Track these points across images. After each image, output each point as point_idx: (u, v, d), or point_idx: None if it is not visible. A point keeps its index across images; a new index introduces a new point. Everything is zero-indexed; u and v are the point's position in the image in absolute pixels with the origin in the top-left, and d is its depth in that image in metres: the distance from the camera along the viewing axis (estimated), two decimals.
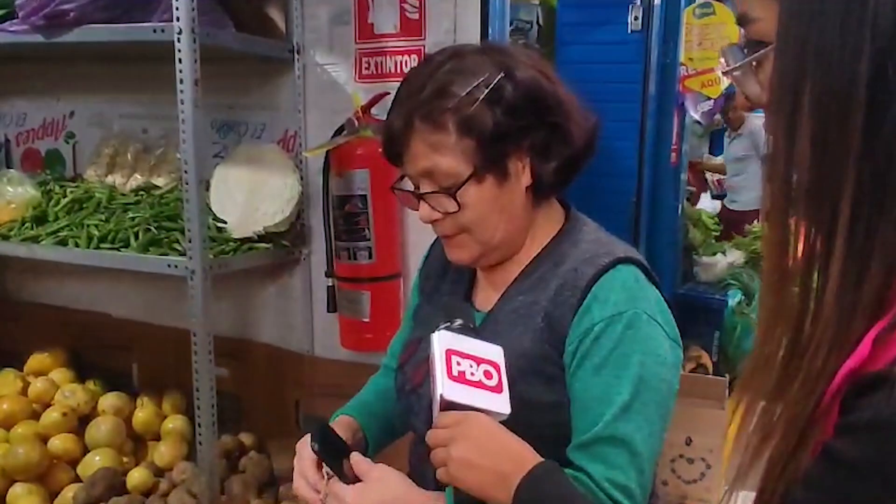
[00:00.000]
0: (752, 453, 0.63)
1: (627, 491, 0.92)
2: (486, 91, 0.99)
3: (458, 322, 0.93)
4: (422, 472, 1.13)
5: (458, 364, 0.87)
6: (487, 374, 0.88)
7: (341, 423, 1.19)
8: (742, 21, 0.65)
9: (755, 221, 5.08)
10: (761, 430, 0.62)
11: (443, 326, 0.92)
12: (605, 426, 0.93)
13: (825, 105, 0.58)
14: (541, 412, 0.96)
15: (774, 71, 0.60)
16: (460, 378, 0.87)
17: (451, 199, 1.03)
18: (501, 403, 0.87)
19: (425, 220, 1.06)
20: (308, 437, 1.07)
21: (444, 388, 0.86)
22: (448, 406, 0.87)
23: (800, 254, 0.61)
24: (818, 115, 0.58)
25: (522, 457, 0.86)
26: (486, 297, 1.14)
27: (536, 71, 1.04)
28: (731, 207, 5.78)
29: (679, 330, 1.04)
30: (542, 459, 0.86)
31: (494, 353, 0.91)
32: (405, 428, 1.22)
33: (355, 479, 0.96)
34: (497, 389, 0.88)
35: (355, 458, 0.98)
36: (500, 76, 1.00)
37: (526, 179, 1.05)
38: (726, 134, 5.73)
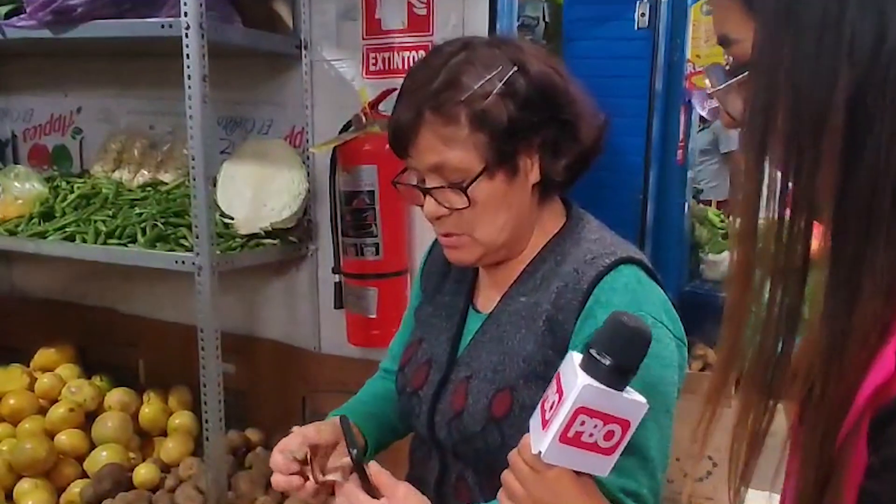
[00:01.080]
0: (747, 452, 0.62)
1: (640, 498, 0.91)
2: (500, 85, 0.97)
3: (609, 362, 0.72)
4: (421, 474, 1.12)
5: (582, 424, 0.72)
6: (608, 436, 0.74)
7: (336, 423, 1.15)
8: (723, 42, 0.64)
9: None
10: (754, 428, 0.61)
11: (594, 353, 0.73)
12: None
13: (797, 131, 0.56)
14: None
15: (748, 90, 0.59)
16: (573, 440, 0.73)
17: (461, 195, 1.00)
18: (604, 467, 0.76)
19: (431, 216, 1.03)
20: (295, 430, 1.06)
21: (547, 450, 0.73)
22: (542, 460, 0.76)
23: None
24: (789, 140, 0.57)
25: None
26: (487, 298, 1.13)
27: (548, 66, 1.03)
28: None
29: (685, 327, 1.02)
30: None
31: (633, 411, 0.74)
32: (407, 429, 1.20)
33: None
34: (608, 452, 0.75)
35: (374, 468, 0.93)
36: (513, 70, 0.98)
37: (534, 176, 1.03)
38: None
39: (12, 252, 2.19)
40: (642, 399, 0.75)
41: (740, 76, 0.62)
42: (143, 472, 2.01)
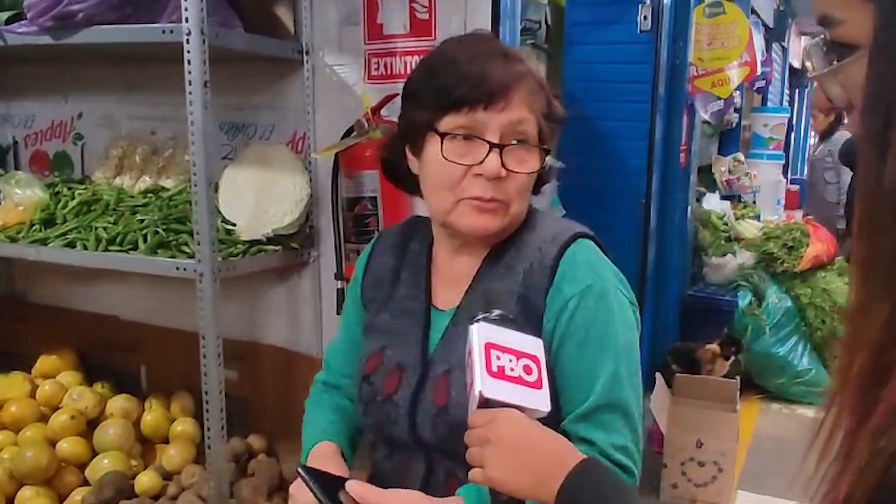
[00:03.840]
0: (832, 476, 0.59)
1: (627, 451, 0.99)
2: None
3: (497, 312, 0.88)
4: (399, 482, 1.09)
5: (498, 358, 0.83)
6: (527, 369, 0.84)
7: (328, 453, 1.14)
8: (824, 23, 0.61)
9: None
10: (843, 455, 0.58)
11: (480, 317, 0.87)
12: (598, 396, 0.99)
13: None
14: None
15: (867, 78, 0.56)
16: (500, 374, 0.82)
17: (536, 155, 1.06)
18: (541, 400, 0.84)
19: (493, 174, 1.03)
20: (299, 480, 1.04)
21: (484, 385, 0.82)
22: (485, 404, 0.83)
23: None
24: None
25: (563, 455, 0.84)
26: (447, 295, 1.14)
27: None
28: None
29: (688, 331, 1.08)
30: (584, 457, 0.85)
31: (534, 345, 0.87)
32: (378, 440, 1.17)
33: None
34: (537, 385, 0.84)
35: (353, 486, 0.94)
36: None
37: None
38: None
39: (14, 258, 2.18)
40: (536, 338, 0.88)
41: (849, 59, 0.60)
42: (145, 480, 2.00)
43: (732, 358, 3.80)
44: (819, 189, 5.34)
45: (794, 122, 10.47)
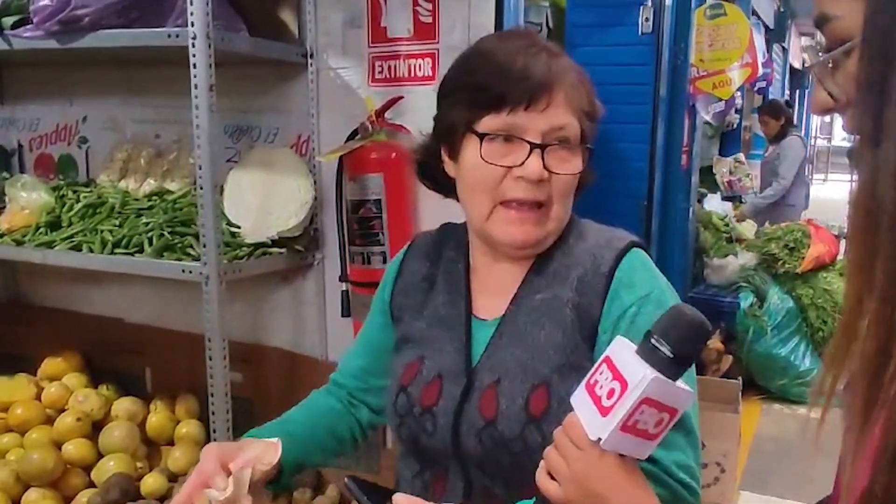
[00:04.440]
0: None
1: (690, 470, 0.94)
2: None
3: (669, 352, 0.72)
4: (437, 498, 1.06)
5: (642, 413, 0.73)
6: (658, 423, 0.74)
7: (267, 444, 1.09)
8: (820, 21, 0.62)
9: (766, 223, 5.05)
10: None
11: (655, 341, 0.73)
12: None
13: None
14: None
15: (859, 65, 0.57)
16: (631, 429, 0.73)
17: (578, 155, 1.03)
18: (646, 451, 0.76)
19: (536, 177, 1.00)
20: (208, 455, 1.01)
21: (608, 438, 0.74)
22: (593, 445, 0.76)
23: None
24: None
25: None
26: (490, 304, 1.10)
27: None
28: None
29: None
30: None
31: (685, 401, 0.74)
32: (410, 454, 1.12)
33: None
34: (654, 437, 0.75)
35: (400, 499, 0.89)
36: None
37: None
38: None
39: (19, 261, 2.19)
40: (691, 389, 0.75)
41: (838, 50, 0.61)
42: (151, 482, 2.00)
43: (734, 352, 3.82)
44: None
45: (795, 122, 10.48)
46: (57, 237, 2.08)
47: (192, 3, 1.67)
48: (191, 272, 1.82)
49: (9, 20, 1.94)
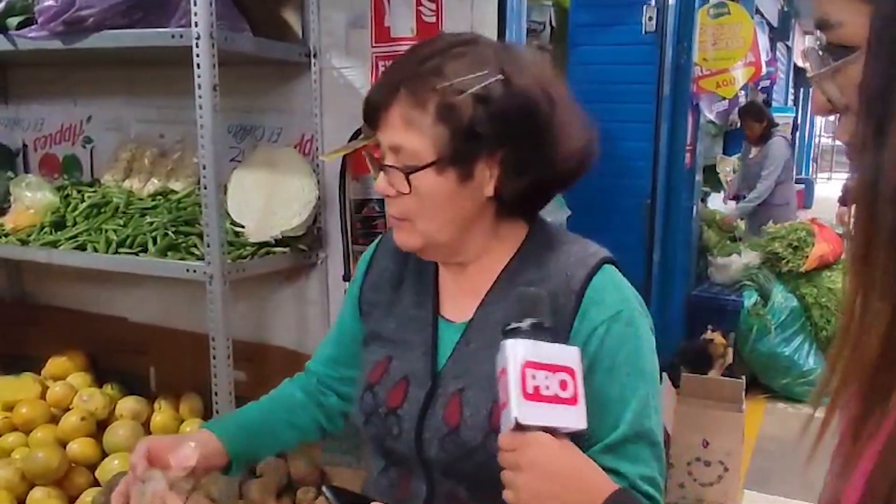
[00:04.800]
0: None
1: (654, 482, 0.96)
2: (478, 87, 0.95)
3: (529, 321, 0.82)
4: (401, 499, 1.08)
5: (534, 378, 0.79)
6: (563, 385, 0.80)
7: (199, 441, 1.11)
8: (821, 25, 0.62)
9: (770, 222, 5.05)
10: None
11: (512, 327, 0.82)
12: (628, 426, 0.95)
13: None
14: None
15: (864, 75, 0.57)
16: (535, 395, 0.79)
17: (405, 181, 0.99)
18: (577, 418, 0.81)
19: (380, 192, 1.04)
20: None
21: (520, 410, 0.78)
22: (520, 428, 0.80)
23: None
24: None
25: (594, 484, 0.83)
26: (457, 307, 1.09)
27: (540, 89, 1.00)
28: None
29: (693, 330, 1.06)
30: (616, 486, 0.83)
31: (571, 356, 0.82)
32: (376, 452, 1.13)
33: None
34: (572, 401, 0.80)
35: None
36: (497, 77, 0.96)
37: (489, 189, 1.00)
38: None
39: (24, 261, 2.19)
40: (574, 348, 0.84)
41: (846, 59, 0.60)
42: None
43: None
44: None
45: (800, 121, 10.46)
46: (61, 237, 2.08)
47: (195, 4, 1.68)
48: (195, 271, 1.83)
49: (13, 20, 1.95)
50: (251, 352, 2.22)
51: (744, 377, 3.58)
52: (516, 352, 0.80)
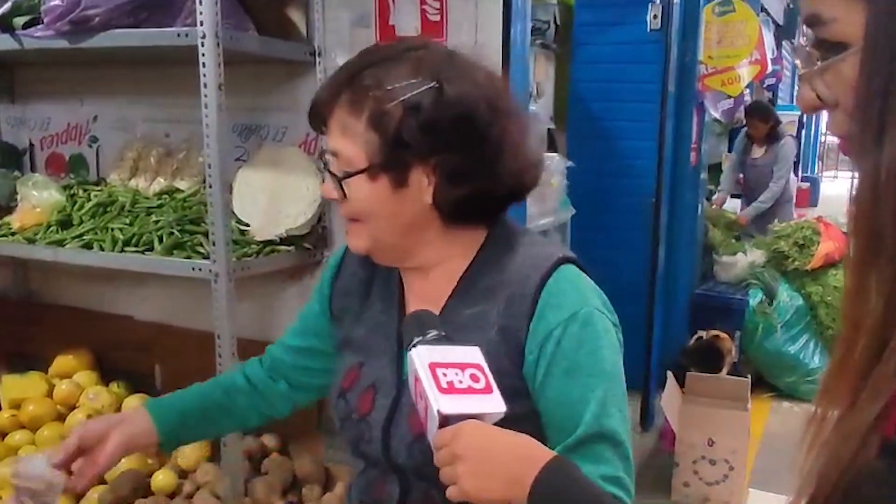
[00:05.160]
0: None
1: (619, 482, 0.94)
2: (409, 94, 0.95)
3: (432, 333, 0.90)
4: (377, 498, 1.09)
5: (445, 375, 0.86)
6: (474, 378, 0.87)
7: (135, 416, 1.18)
8: (812, 22, 0.62)
9: (776, 220, 5.04)
10: (836, 440, 0.60)
11: (416, 341, 0.89)
12: (587, 426, 0.95)
13: None
14: (505, 426, 0.90)
15: (861, 74, 0.57)
16: (450, 389, 0.85)
17: (338, 186, 1.01)
18: (497, 403, 0.86)
19: (324, 196, 1.06)
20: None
21: (440, 403, 0.84)
22: (445, 421, 0.85)
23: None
24: None
25: (530, 454, 0.85)
26: None
27: (482, 100, 0.98)
28: None
29: (697, 330, 1.04)
30: (552, 454, 0.85)
31: (474, 354, 0.90)
32: (353, 455, 1.13)
33: None
34: (487, 390, 0.87)
35: None
36: (431, 86, 0.96)
37: (428, 197, 1.00)
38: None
39: (31, 260, 2.20)
40: (474, 347, 0.90)
41: (841, 55, 0.60)
42: (161, 478, 2.02)
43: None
44: (760, 191, 5.46)
45: (805, 119, 10.43)
46: (68, 236, 2.09)
47: (200, 3, 1.68)
48: (200, 270, 1.84)
49: (20, 20, 1.96)
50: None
51: (749, 376, 3.57)
52: (421, 357, 0.87)
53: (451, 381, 0.85)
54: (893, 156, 0.55)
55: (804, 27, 0.63)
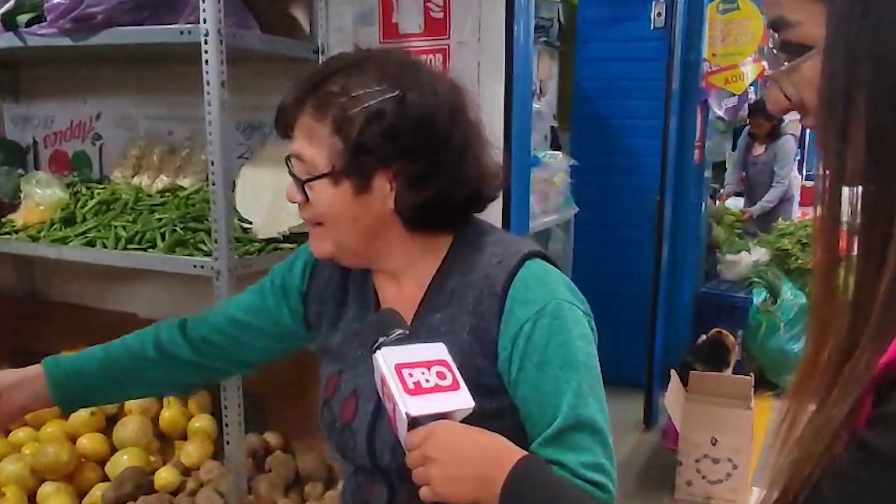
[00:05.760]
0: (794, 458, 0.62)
1: (600, 468, 0.96)
2: (372, 102, 0.97)
3: (395, 333, 0.91)
4: (366, 500, 1.11)
5: (411, 375, 0.86)
6: (441, 375, 0.88)
7: (32, 378, 1.20)
8: (777, 25, 0.63)
9: (780, 219, 5.04)
10: (811, 436, 0.61)
11: (380, 342, 0.90)
12: (565, 417, 0.96)
13: (881, 111, 0.56)
14: (486, 422, 0.93)
15: (822, 75, 0.59)
16: (417, 389, 0.86)
17: (301, 190, 1.03)
18: (464, 399, 0.87)
19: (289, 199, 1.06)
20: None
21: (407, 405, 0.84)
22: (414, 423, 0.85)
23: (846, 254, 0.60)
24: (873, 121, 0.56)
25: (500, 454, 0.86)
26: None
27: (444, 108, 1.00)
28: None
29: (702, 327, 1.04)
30: (522, 453, 0.86)
31: (438, 351, 0.90)
32: (343, 459, 1.14)
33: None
34: (454, 387, 0.87)
35: None
36: (393, 94, 0.97)
37: (391, 202, 1.02)
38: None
39: (34, 257, 2.20)
40: (439, 343, 0.91)
41: (805, 56, 0.61)
42: (164, 476, 2.02)
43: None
44: (761, 191, 5.45)
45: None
46: (71, 233, 2.10)
47: (204, 1, 1.68)
48: (202, 267, 1.84)
49: (23, 18, 1.96)
50: None
51: (752, 374, 3.57)
52: (386, 359, 0.87)
53: (417, 381, 0.86)
54: (856, 154, 0.56)
55: (770, 30, 0.64)
